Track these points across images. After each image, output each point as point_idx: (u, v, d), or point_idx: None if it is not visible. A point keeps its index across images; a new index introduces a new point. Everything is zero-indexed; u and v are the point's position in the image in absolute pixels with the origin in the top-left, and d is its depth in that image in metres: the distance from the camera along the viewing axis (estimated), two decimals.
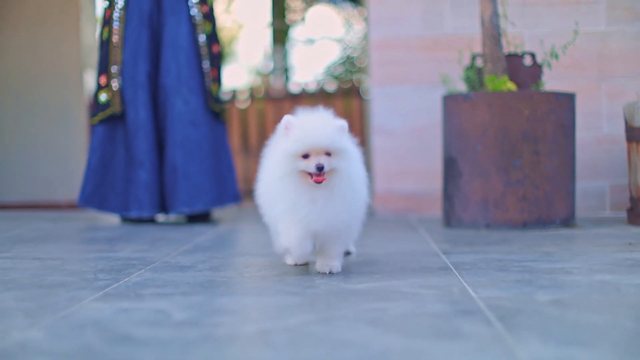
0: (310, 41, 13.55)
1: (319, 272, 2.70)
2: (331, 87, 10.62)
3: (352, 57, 12.64)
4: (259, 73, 14.54)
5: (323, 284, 2.49)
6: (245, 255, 3.45)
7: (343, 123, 2.56)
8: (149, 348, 1.66)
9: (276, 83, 13.04)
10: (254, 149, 9.73)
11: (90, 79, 7.81)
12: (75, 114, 7.89)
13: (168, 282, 2.54)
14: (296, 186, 2.52)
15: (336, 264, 2.72)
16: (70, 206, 6.98)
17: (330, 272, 2.70)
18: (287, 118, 2.53)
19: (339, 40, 12.86)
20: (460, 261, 3.03)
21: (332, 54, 13.29)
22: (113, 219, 5.25)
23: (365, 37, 6.73)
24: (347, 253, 2.93)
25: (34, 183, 7.77)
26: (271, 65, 13.24)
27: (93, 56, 8.03)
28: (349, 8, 12.57)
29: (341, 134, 2.52)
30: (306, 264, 2.87)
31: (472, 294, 2.29)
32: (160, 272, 2.77)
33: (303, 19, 12.34)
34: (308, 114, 2.57)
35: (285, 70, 13.67)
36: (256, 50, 13.85)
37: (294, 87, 11.53)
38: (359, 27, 12.52)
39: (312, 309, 2.08)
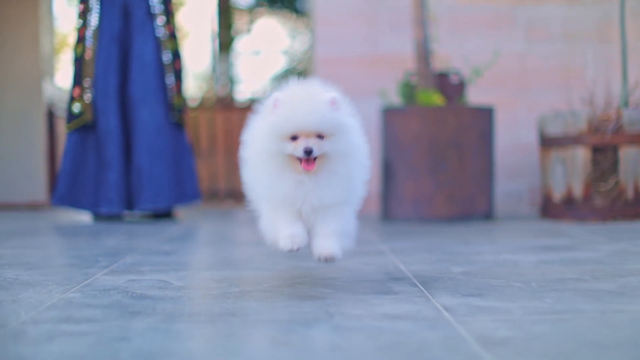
0: (256, 52, 14.09)
1: (317, 259, 2.31)
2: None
3: (297, 68, 13.23)
4: (204, 81, 15.00)
5: (285, 262, 3.10)
6: (214, 243, 4.04)
7: (336, 96, 2.26)
8: (164, 301, 2.25)
9: (221, 92, 13.52)
10: (205, 152, 10.35)
11: (49, 87, 8.28)
12: (35, 120, 8.31)
13: (158, 263, 3.13)
14: (282, 170, 2.25)
15: (334, 247, 2.29)
16: (30, 206, 7.46)
17: (326, 260, 2.29)
18: (275, 95, 2.26)
19: (285, 52, 13.43)
20: (394, 247, 3.67)
21: (278, 65, 13.85)
22: (84, 216, 5.78)
23: (311, 47, 7.35)
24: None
25: None
26: (217, 74, 13.73)
27: (51, 65, 8.52)
28: (294, 18, 13.12)
29: (334, 110, 2.23)
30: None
31: (402, 268, 2.92)
32: (148, 256, 3.36)
33: (249, 30, 12.86)
34: (297, 87, 2.27)
35: (230, 80, 14.17)
36: (201, 59, 14.31)
37: (240, 96, 12.10)
38: (303, 38, 13.09)
39: (279, 279, 2.69)
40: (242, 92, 14.00)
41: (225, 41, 13.60)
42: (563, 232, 4.40)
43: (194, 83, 15.16)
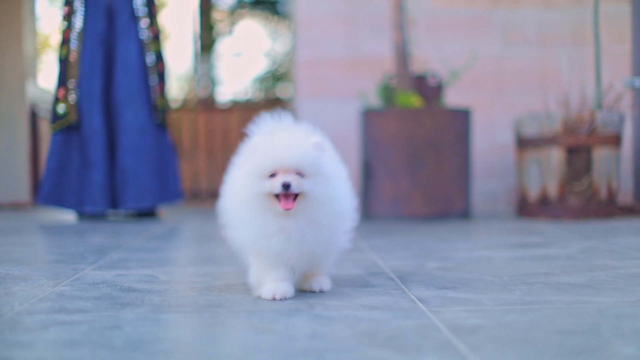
0: (237, 54, 14.18)
1: (308, 291, 2.37)
2: (258, 97, 11.32)
3: (278, 70, 13.34)
4: (185, 82, 15.07)
5: None
6: (197, 241, 4.14)
7: (320, 140, 2.20)
8: (152, 294, 2.35)
9: (203, 93, 13.61)
10: (187, 152, 10.45)
11: (31, 88, 8.35)
12: (18, 121, 8.38)
13: (144, 259, 3.22)
14: (264, 213, 2.17)
15: (325, 281, 2.40)
16: (13, 206, 7.52)
17: (320, 291, 2.37)
18: (255, 139, 2.21)
19: (266, 54, 13.54)
20: (373, 244, 3.78)
21: (259, 66, 13.95)
22: (69, 215, 5.85)
23: (292, 50, 7.46)
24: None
25: None
26: (198, 75, 13.81)
27: (34, 67, 8.58)
28: (275, 20, 13.25)
29: (316, 153, 2.16)
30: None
31: (381, 263, 3.04)
32: (134, 252, 3.45)
33: (231, 32, 12.97)
34: (277, 129, 2.24)
35: (211, 81, 14.26)
36: (183, 60, 14.41)
37: (222, 97, 12.21)
38: (284, 40, 13.21)
39: None
40: (224, 93, 14.09)
41: (207, 43, 13.69)
42: (537, 230, 4.53)
43: (176, 84, 15.22)
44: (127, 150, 5.49)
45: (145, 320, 1.95)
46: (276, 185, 2.10)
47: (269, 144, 2.14)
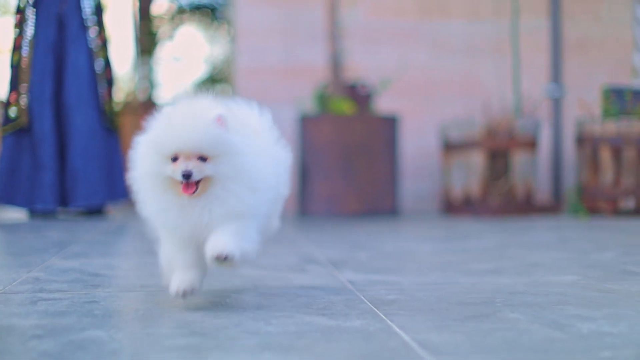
0: (176, 59, 14.45)
1: (211, 261, 2.01)
2: None
3: (216, 74, 13.63)
4: (125, 84, 15.27)
5: None
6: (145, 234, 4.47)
7: (223, 113, 2.01)
8: (117, 278, 2.70)
9: (141, 95, 13.82)
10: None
11: None
12: None
13: (103, 250, 3.56)
14: (162, 190, 2.04)
15: (230, 245, 1.99)
16: None
17: (220, 260, 1.98)
18: (165, 110, 2.05)
19: (205, 59, 13.84)
20: (310, 238, 4.18)
21: (199, 71, 14.25)
22: (19, 214, 6.12)
23: (232, 56, 7.83)
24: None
25: None
26: (137, 78, 14.03)
27: None
28: (215, 26, 13.54)
29: (219, 132, 1.98)
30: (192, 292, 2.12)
31: (316, 253, 3.43)
32: (92, 245, 3.78)
33: (171, 36, 13.24)
34: (184, 103, 2.05)
35: (150, 84, 14.50)
36: (123, 63, 14.62)
37: (160, 100, 12.51)
38: (222, 45, 13.51)
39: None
40: (162, 96, 14.33)
41: (147, 47, 13.94)
42: (459, 226, 4.98)
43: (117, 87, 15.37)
44: (77, 153, 5.78)
45: (116, 297, 2.31)
46: (177, 172, 1.96)
47: (169, 121, 1.98)
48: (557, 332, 1.78)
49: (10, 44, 5.93)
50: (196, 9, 12.74)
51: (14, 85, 5.83)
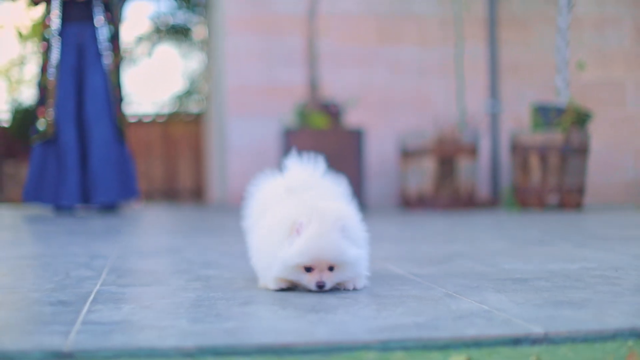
0: (154, 74, 15.39)
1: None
2: (175, 115, 13.02)
3: (193, 90, 14.49)
4: None
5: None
6: (160, 223, 5.61)
7: (346, 223, 2.27)
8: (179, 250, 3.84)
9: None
10: None
11: None
12: None
13: (148, 232, 4.68)
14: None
15: (360, 280, 2.35)
16: None
17: (354, 288, 2.32)
18: (300, 220, 2.23)
19: (182, 75, 14.77)
20: None
21: (175, 86, 15.14)
22: (44, 210, 7.18)
23: (207, 71, 8.96)
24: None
25: None
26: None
27: None
28: (187, 44, 14.42)
29: (346, 246, 2.21)
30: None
31: None
32: (133, 228, 4.90)
33: (149, 54, 14.12)
34: (315, 214, 2.22)
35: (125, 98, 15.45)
36: None
37: (140, 111, 13.58)
38: (196, 61, 14.36)
39: (190, 241, 4.33)
40: (141, 108, 15.22)
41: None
42: (414, 218, 6.19)
43: None
44: (96, 159, 6.87)
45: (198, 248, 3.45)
46: (311, 283, 2.24)
47: (307, 239, 2.19)
48: (490, 268, 2.95)
49: (37, 68, 7.02)
50: (172, 28, 13.67)
51: (42, 102, 6.92)
